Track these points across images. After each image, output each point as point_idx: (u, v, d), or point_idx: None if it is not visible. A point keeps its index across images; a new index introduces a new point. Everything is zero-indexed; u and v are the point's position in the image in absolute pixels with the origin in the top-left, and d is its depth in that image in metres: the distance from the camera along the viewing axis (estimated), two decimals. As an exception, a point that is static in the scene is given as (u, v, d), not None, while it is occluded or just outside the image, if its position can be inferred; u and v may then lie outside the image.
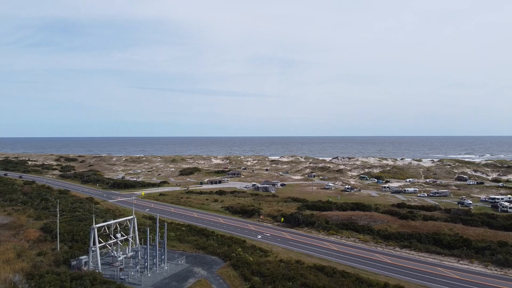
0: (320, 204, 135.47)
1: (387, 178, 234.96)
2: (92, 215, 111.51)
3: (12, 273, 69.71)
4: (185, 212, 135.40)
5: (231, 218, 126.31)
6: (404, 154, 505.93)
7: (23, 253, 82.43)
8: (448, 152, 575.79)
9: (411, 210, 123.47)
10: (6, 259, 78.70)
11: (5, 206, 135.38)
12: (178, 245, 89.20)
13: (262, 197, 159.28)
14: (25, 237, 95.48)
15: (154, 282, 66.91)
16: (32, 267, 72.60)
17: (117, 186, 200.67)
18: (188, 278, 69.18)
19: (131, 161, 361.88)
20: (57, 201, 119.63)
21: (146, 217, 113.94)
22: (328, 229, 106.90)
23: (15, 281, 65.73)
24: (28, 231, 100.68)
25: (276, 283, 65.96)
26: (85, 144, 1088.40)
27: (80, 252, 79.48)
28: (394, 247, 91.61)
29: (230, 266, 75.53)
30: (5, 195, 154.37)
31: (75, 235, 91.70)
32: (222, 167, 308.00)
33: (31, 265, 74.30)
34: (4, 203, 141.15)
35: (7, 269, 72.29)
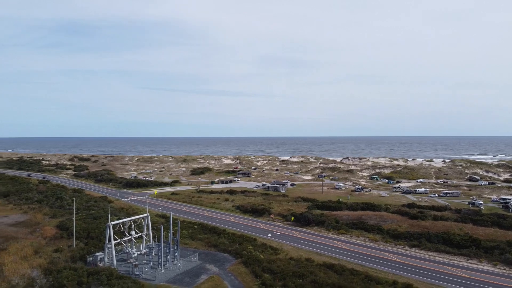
0: (330, 204, 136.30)
1: (398, 178, 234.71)
2: (106, 213, 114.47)
3: (30, 269, 72.23)
4: (196, 211, 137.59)
5: (242, 217, 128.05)
6: (416, 155, 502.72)
7: (40, 249, 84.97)
8: (461, 153, 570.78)
9: (421, 210, 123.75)
10: (24, 255, 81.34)
11: (21, 205, 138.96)
12: (190, 243, 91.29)
13: (272, 197, 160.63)
14: (41, 235, 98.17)
15: (167, 278, 68.87)
16: (50, 263, 74.98)
17: (130, 185, 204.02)
18: (201, 275, 71.05)
19: (143, 160, 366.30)
20: (73, 199, 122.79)
21: (159, 216, 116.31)
22: (338, 229, 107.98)
23: (33, 277, 68.14)
24: (45, 229, 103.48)
25: (287, 280, 67.41)
26: (97, 144, 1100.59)
27: (95, 249, 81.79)
28: (404, 246, 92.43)
29: (241, 263, 77.15)
30: (21, 194, 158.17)
31: (91, 233, 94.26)
32: (232, 167, 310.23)
33: (49, 261, 76.75)
34: (20, 201, 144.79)
35: (25, 265, 74.86)
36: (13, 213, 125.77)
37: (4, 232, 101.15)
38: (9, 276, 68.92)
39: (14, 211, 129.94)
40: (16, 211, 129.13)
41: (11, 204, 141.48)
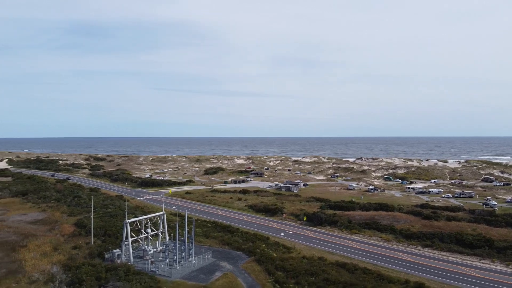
0: (343, 204, 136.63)
1: (412, 179, 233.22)
2: (122, 212, 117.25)
3: (50, 265, 74.63)
4: (210, 210, 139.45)
5: (255, 216, 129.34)
6: (430, 155, 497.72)
7: (59, 246, 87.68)
8: (476, 153, 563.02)
9: (435, 210, 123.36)
10: (43, 252, 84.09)
11: (39, 203, 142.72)
12: (204, 241, 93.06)
13: (284, 197, 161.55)
14: (60, 232, 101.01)
15: (183, 275, 70.57)
16: (69, 260, 77.46)
17: (145, 184, 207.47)
18: (215, 272, 72.59)
19: (157, 160, 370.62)
20: (91, 198, 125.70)
21: (174, 214, 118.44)
22: (351, 228, 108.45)
23: (53, 272, 70.41)
24: (63, 226, 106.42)
25: (299, 278, 68.55)
26: (111, 144, 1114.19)
27: (112, 246, 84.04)
28: (416, 246, 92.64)
29: (255, 261, 78.49)
30: (39, 192, 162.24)
31: (108, 230, 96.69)
32: (245, 167, 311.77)
33: (67, 257, 79.25)
34: (39, 200, 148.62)
35: (45, 261, 77.44)
36: (31, 211, 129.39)
37: (24, 229, 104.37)
38: (29, 272, 71.52)
39: (32, 209, 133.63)
40: (35, 209, 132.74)
41: (29, 202, 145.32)
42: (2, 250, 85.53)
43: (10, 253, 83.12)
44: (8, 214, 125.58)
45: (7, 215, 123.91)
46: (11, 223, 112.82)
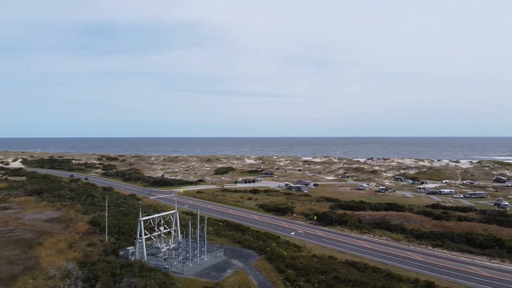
0: (353, 204, 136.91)
1: (423, 179, 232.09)
2: (135, 210, 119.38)
3: (66, 262, 76.47)
4: (221, 209, 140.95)
5: (265, 216, 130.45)
6: (442, 156, 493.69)
7: (74, 244, 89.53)
8: (489, 154, 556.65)
9: (446, 211, 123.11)
10: (59, 249, 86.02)
11: (54, 202, 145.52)
12: (216, 239, 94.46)
13: (295, 196, 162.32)
14: (75, 230, 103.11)
15: (195, 272, 71.98)
16: (84, 257, 79.18)
17: (157, 183, 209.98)
18: (226, 269, 73.87)
19: (168, 160, 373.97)
20: (106, 196, 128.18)
21: (185, 213, 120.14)
22: (361, 228, 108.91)
23: (69, 269, 72.24)
24: (78, 224, 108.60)
25: (309, 275, 69.50)
26: (122, 144, 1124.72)
27: (126, 244, 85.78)
28: (427, 246, 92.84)
29: (265, 259, 79.59)
30: (53, 191, 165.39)
31: (121, 228, 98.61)
32: (255, 167, 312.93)
33: (83, 254, 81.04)
34: (53, 198, 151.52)
35: (61, 258, 79.32)
36: (46, 210, 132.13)
37: (40, 227, 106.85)
38: (46, 268, 73.35)
39: (47, 207, 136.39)
40: (50, 208, 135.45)
41: (44, 201, 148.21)
42: (19, 247, 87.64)
43: (26, 250, 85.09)
44: (24, 212, 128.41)
45: (23, 213, 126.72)
46: (27, 221, 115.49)
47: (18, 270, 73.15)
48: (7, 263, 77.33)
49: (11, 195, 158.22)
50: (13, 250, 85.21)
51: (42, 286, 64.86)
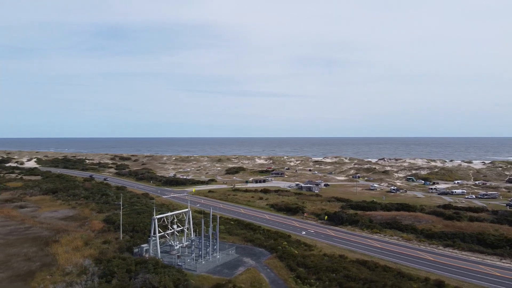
0: (364, 204, 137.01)
1: (435, 180, 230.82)
2: (149, 209, 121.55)
3: (82, 258, 78.40)
4: (232, 208, 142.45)
5: (276, 215, 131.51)
6: (455, 156, 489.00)
7: (90, 241, 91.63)
8: (503, 154, 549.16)
9: (457, 211, 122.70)
10: (75, 246, 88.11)
11: (69, 200, 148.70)
12: (228, 237, 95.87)
13: (305, 196, 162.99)
14: (90, 228, 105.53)
15: (207, 269, 73.44)
16: (99, 254, 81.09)
17: (169, 183, 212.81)
18: (238, 267, 75.17)
19: (180, 160, 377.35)
20: (119, 195, 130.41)
21: (197, 212, 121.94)
22: (372, 228, 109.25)
23: (85, 265, 74.22)
24: (93, 223, 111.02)
25: (320, 274, 70.31)
26: (134, 144, 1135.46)
27: (140, 241, 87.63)
28: (437, 245, 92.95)
29: (277, 258, 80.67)
30: (68, 190, 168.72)
31: (135, 226, 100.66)
32: (265, 167, 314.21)
33: (98, 251, 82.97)
34: (68, 197, 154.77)
35: (78, 255, 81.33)
36: (62, 208, 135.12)
37: (56, 225, 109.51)
38: (63, 265, 75.39)
39: (62, 206, 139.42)
40: (65, 206, 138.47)
41: (59, 200, 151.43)
42: (36, 244, 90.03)
43: (43, 248, 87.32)
44: (40, 210, 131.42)
45: (39, 211, 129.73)
46: (43, 219, 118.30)
47: (36, 267, 75.24)
48: (24, 260, 79.62)
49: (27, 194, 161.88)
50: (30, 247, 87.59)
51: (60, 282, 66.50)
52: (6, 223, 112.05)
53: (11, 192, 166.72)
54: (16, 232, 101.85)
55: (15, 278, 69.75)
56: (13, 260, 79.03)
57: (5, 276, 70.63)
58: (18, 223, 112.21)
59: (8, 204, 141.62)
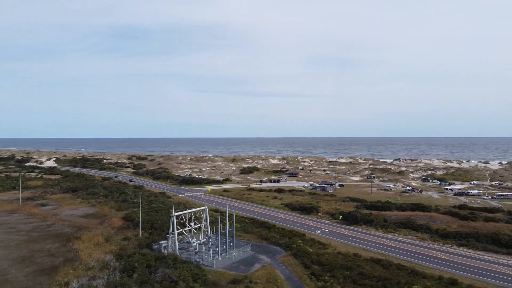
0: (379, 204, 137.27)
1: (451, 180, 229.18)
2: (166, 207, 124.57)
3: (104, 254, 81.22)
4: (247, 207, 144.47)
5: (291, 214, 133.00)
6: (472, 157, 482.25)
7: (110, 238, 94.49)
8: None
9: (472, 211, 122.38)
10: (96, 243, 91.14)
11: (88, 199, 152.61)
12: (243, 235, 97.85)
13: (320, 196, 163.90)
14: (110, 225, 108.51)
15: (224, 265, 75.50)
16: (120, 249, 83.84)
17: (185, 182, 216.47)
18: (254, 264, 77.06)
19: (195, 160, 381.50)
20: (137, 194, 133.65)
21: (213, 210, 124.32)
22: (386, 227, 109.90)
23: (107, 261, 77.08)
24: (112, 220, 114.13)
25: (335, 271, 71.75)
26: (149, 144, 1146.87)
27: (159, 238, 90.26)
28: (452, 245, 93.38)
29: (291, 255, 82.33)
30: (87, 189, 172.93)
31: (154, 224, 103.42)
32: (279, 167, 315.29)
33: (119, 248, 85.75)
34: (88, 196, 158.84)
35: (99, 251, 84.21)
36: (82, 206, 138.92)
37: (77, 222, 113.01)
38: (85, 260, 78.23)
39: (82, 204, 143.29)
40: (85, 205, 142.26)
41: (79, 198, 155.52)
42: (58, 241, 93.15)
43: (65, 244, 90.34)
44: (61, 208, 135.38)
45: (60, 209, 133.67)
46: (64, 216, 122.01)
47: (59, 262, 78.13)
48: (48, 255, 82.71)
49: (47, 193, 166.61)
50: (53, 244, 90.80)
51: (83, 276, 69.12)
52: (29, 220, 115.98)
53: (32, 190, 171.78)
54: (38, 229, 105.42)
55: (40, 272, 72.57)
56: (36, 256, 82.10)
57: (30, 270, 73.58)
58: (40, 220, 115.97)
59: (30, 202, 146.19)
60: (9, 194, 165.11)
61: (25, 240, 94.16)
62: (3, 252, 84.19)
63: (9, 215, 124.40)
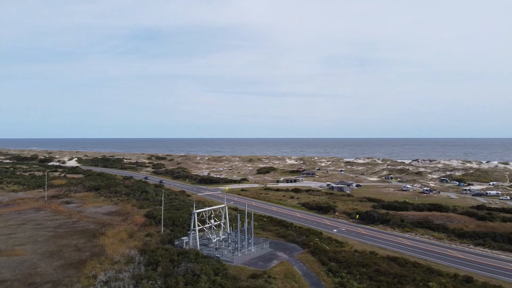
0: (396, 204, 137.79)
1: (470, 181, 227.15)
2: (186, 205, 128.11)
3: (128, 249, 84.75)
4: (265, 206, 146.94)
5: (307, 213, 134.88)
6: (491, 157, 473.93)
7: (134, 234, 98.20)
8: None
9: (490, 211, 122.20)
10: (121, 238, 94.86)
11: (111, 197, 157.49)
12: (261, 233, 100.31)
13: (337, 196, 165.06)
14: (133, 222, 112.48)
15: (243, 261, 78.13)
16: (143, 245, 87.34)
17: (204, 181, 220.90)
18: (272, 260, 79.46)
19: (212, 160, 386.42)
20: (159, 192, 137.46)
21: (231, 209, 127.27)
22: (403, 227, 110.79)
23: (131, 255, 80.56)
24: (135, 217, 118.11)
25: (351, 268, 73.59)
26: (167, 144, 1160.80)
27: (180, 234, 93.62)
28: (468, 244, 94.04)
29: (309, 253, 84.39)
30: (110, 187, 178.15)
31: (175, 221, 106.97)
32: (296, 167, 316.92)
33: (142, 243, 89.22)
34: (110, 194, 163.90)
35: (124, 246, 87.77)
36: (105, 204, 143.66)
37: (101, 219, 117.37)
38: (111, 255, 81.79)
39: (105, 202, 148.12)
40: (108, 203, 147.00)
41: (102, 196, 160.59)
42: (84, 236, 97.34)
43: (91, 239, 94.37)
44: (85, 206, 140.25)
45: (84, 207, 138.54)
46: (88, 214, 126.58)
47: (86, 256, 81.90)
48: (75, 250, 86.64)
49: (71, 191, 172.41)
50: (79, 239, 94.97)
51: (109, 270, 72.66)
52: (55, 217, 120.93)
53: (56, 189, 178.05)
54: (65, 225, 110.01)
55: (68, 266, 76.32)
56: (64, 250, 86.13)
57: (59, 264, 77.44)
58: (66, 217, 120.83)
59: (55, 200, 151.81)
60: (35, 192, 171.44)
61: (52, 236, 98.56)
62: (32, 247, 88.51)
63: (35, 212, 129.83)
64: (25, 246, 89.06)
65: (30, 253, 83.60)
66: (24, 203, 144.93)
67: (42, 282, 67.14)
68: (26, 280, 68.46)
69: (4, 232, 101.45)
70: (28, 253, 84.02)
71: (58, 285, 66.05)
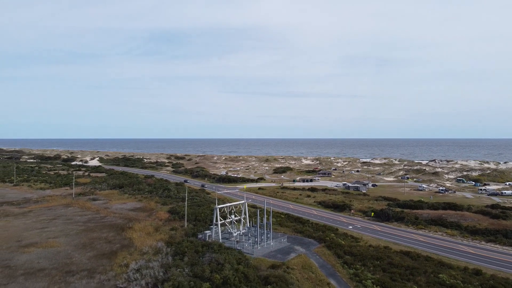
0: (411, 203, 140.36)
1: (486, 181, 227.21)
2: (207, 202, 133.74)
3: (155, 242, 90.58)
4: (282, 204, 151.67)
5: (324, 211, 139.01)
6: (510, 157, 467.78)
7: (159, 228, 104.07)
8: None
9: (504, 210, 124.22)
10: (147, 232, 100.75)
11: (135, 195, 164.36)
12: (279, 228, 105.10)
13: (353, 195, 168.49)
14: (157, 217, 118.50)
15: (263, 254, 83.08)
16: (169, 238, 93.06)
17: (222, 180, 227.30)
18: (290, 253, 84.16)
19: (230, 160, 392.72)
20: (186, 188, 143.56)
21: (250, 206, 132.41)
22: (417, 224, 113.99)
23: (158, 247, 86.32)
24: (159, 213, 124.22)
25: (366, 261, 77.88)
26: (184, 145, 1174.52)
27: (203, 228, 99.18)
28: (480, 241, 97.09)
29: (325, 247, 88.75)
30: (133, 186, 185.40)
31: (197, 216, 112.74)
32: (312, 167, 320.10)
33: (168, 236, 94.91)
34: (134, 192, 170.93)
35: (151, 239, 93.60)
36: (129, 201, 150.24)
37: (127, 215, 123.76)
38: (139, 246, 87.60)
39: (130, 199, 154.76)
40: (132, 200, 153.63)
41: (126, 194, 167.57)
42: (113, 230, 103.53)
43: (120, 233, 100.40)
44: (111, 203, 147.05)
45: (110, 204, 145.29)
46: (115, 210, 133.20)
47: (117, 248, 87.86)
48: (106, 242, 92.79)
49: (96, 189, 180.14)
50: (108, 233, 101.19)
51: (139, 259, 78.49)
52: (84, 213, 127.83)
53: (82, 187, 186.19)
54: (93, 220, 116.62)
55: (101, 256, 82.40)
56: (95, 243, 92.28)
57: (91, 255, 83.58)
58: (94, 213, 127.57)
59: (82, 197, 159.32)
60: (61, 190, 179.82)
61: (83, 230, 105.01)
62: (65, 239, 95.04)
63: (64, 208, 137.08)
64: (58, 238, 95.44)
65: (64, 245, 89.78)
66: (53, 200, 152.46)
67: (78, 270, 73.08)
68: (63, 268, 74.52)
69: (37, 226, 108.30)
70: (62, 245, 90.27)
71: (93, 272, 71.83)
